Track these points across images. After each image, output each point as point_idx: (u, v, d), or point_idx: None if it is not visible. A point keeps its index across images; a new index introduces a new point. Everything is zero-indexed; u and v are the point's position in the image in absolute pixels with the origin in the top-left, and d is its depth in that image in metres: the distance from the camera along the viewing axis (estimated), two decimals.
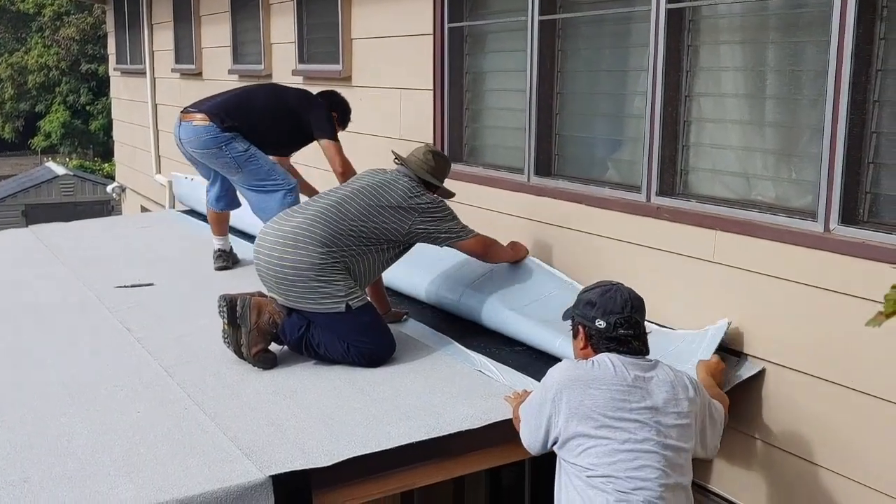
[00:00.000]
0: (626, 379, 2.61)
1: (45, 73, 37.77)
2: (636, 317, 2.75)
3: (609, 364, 2.64)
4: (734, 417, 3.38)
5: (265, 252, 3.71)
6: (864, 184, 3.05)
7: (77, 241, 6.30)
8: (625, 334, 2.70)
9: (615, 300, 2.75)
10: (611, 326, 2.70)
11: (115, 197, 12.68)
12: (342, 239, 3.65)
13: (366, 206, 3.73)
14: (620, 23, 4.06)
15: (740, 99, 3.53)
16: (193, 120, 4.85)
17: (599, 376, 2.61)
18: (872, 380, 2.92)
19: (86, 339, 4.04)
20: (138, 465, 2.76)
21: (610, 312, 2.72)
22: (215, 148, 4.83)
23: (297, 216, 3.73)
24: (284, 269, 3.62)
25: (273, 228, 3.76)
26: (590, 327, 2.75)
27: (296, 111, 4.97)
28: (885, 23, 2.95)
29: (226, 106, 4.91)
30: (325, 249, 3.61)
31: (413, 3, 5.24)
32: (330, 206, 3.73)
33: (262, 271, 3.73)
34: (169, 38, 9.44)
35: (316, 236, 3.62)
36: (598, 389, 2.58)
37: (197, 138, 4.84)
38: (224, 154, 4.84)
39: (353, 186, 3.85)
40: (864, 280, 2.92)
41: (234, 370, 3.61)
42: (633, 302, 2.77)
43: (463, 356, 3.75)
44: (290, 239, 3.64)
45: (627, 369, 2.63)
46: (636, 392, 2.59)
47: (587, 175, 4.27)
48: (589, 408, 2.56)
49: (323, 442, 2.94)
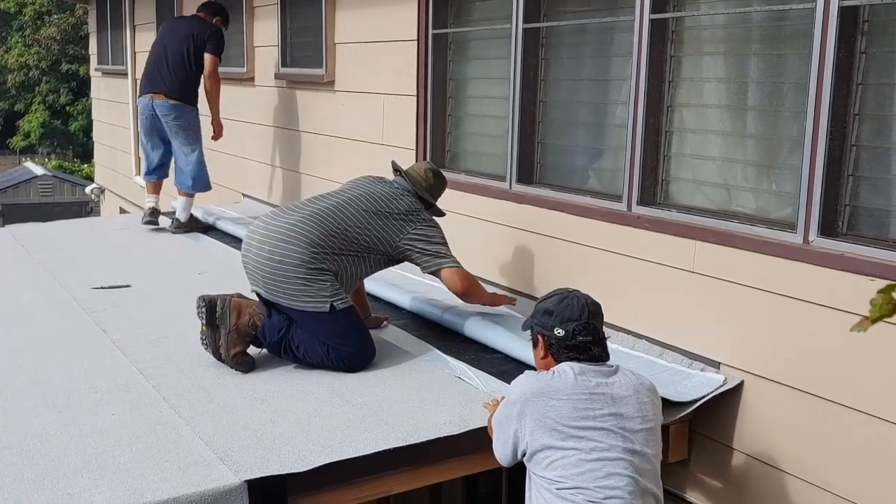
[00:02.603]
0: (587, 387, 2.60)
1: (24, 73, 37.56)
2: (594, 322, 2.74)
3: (569, 373, 2.63)
4: (712, 428, 3.39)
5: (255, 245, 3.69)
6: (843, 196, 3.07)
7: (54, 242, 6.24)
8: (584, 341, 2.70)
9: (572, 307, 2.75)
10: (570, 334, 2.70)
11: (94, 198, 12.60)
12: (335, 243, 3.63)
13: (363, 213, 3.72)
14: (604, 32, 4.07)
15: (722, 110, 3.55)
16: (169, 100, 6.20)
17: (560, 386, 2.60)
18: (850, 391, 2.94)
19: (61, 339, 4.00)
20: (112, 468, 2.73)
21: (568, 320, 2.72)
22: (184, 119, 6.21)
23: (294, 214, 3.72)
24: (273, 264, 3.60)
25: (265, 223, 3.74)
26: (549, 336, 2.75)
27: (200, 48, 6.27)
28: (865, 37, 2.98)
29: (175, 81, 6.21)
30: (316, 249, 3.59)
31: (398, 9, 5.24)
32: (327, 209, 3.71)
33: (250, 264, 3.71)
34: (151, 39, 9.38)
35: (308, 236, 3.60)
36: (560, 400, 2.56)
37: (172, 113, 6.20)
38: (182, 123, 6.22)
39: (354, 193, 3.82)
40: (843, 292, 2.93)
41: (211, 373, 3.58)
42: (591, 308, 2.77)
43: (442, 362, 3.73)
44: (283, 235, 3.62)
45: (588, 377, 2.62)
46: (599, 399, 2.58)
47: (569, 183, 4.27)
48: (553, 419, 2.55)
49: (299, 447, 2.92)
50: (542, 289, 4.20)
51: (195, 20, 6.45)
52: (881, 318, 1.13)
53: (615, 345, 3.70)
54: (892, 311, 1.13)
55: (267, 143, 7.07)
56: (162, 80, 6.24)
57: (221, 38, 6.38)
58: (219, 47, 6.33)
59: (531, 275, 4.36)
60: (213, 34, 6.32)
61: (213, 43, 6.28)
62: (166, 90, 6.21)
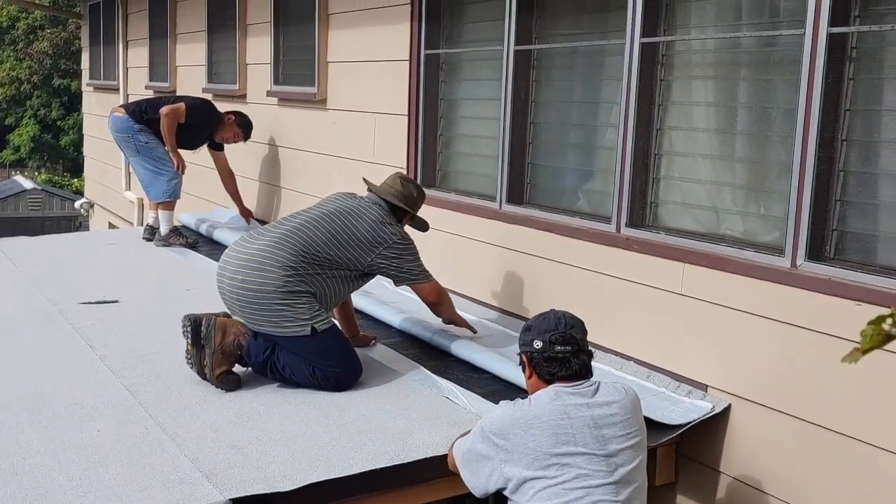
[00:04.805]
0: (565, 411, 2.56)
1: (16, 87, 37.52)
2: (571, 332, 2.71)
3: (544, 398, 2.61)
4: (699, 451, 3.39)
5: (228, 275, 3.67)
6: (831, 221, 3.08)
7: (42, 256, 6.22)
8: (562, 351, 2.67)
9: (549, 320, 2.75)
10: (547, 344, 2.68)
11: (84, 213, 12.57)
12: (306, 261, 3.61)
13: (332, 231, 3.69)
14: (595, 55, 4.10)
15: (711, 134, 3.57)
16: (117, 112, 6.53)
17: (538, 413, 2.57)
18: (837, 415, 2.94)
19: (47, 354, 3.98)
20: (95, 485, 2.71)
21: (544, 331, 2.71)
22: (125, 134, 6.44)
23: (262, 239, 3.70)
24: (248, 293, 3.58)
25: (236, 251, 3.72)
26: (530, 352, 2.73)
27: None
28: (854, 63, 3.01)
29: (140, 105, 6.56)
30: (289, 272, 3.57)
31: (390, 29, 5.27)
32: (295, 228, 3.69)
33: (226, 294, 3.69)
34: (144, 55, 9.42)
35: (280, 259, 3.58)
36: (539, 428, 2.54)
37: (115, 125, 6.50)
38: (130, 140, 6.45)
39: (321, 210, 3.81)
40: (830, 316, 2.94)
41: (198, 390, 3.56)
42: (568, 320, 2.75)
43: (430, 382, 3.72)
44: (254, 261, 3.60)
45: (564, 399, 2.60)
46: (578, 421, 2.55)
47: (559, 204, 4.29)
48: (533, 449, 2.52)
49: (284, 466, 2.90)
50: (531, 309, 4.20)
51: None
52: (872, 349, 1.13)
53: (604, 365, 3.70)
54: (883, 342, 1.13)
55: (257, 160, 7.07)
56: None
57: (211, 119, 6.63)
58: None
59: (520, 295, 4.36)
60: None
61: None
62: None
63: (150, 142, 6.43)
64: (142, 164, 6.50)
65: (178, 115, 6.37)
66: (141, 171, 6.55)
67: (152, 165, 6.46)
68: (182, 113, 6.38)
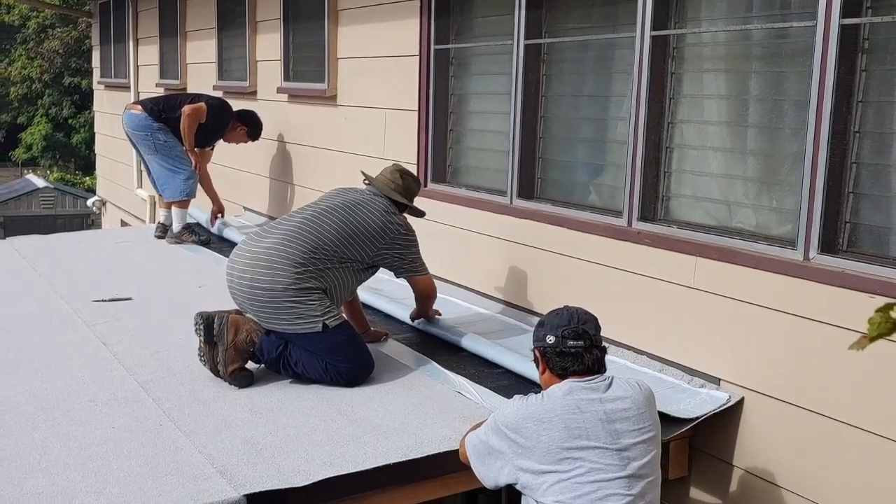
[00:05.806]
0: (577, 406, 2.57)
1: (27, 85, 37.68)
2: (584, 328, 2.71)
3: (557, 393, 2.61)
4: (712, 444, 3.38)
5: (237, 274, 3.67)
6: (843, 213, 3.07)
7: (55, 254, 6.24)
8: (574, 346, 2.67)
9: (562, 315, 2.75)
10: (559, 339, 2.68)
11: (96, 210, 12.62)
12: (316, 257, 3.63)
13: (340, 224, 3.72)
14: (605, 49, 4.09)
15: (722, 126, 3.56)
16: (134, 110, 6.49)
17: (550, 408, 2.57)
18: (850, 408, 2.93)
19: (62, 352, 4.00)
20: (111, 482, 2.73)
21: (557, 326, 2.71)
22: (143, 132, 6.39)
23: (269, 237, 3.70)
24: (258, 291, 3.59)
25: (244, 250, 3.72)
26: (543, 347, 2.73)
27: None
28: (866, 55, 2.99)
29: (157, 103, 6.52)
30: (300, 269, 3.58)
31: (400, 24, 5.27)
32: (301, 224, 3.70)
33: (236, 293, 3.70)
34: (154, 52, 9.44)
35: (290, 256, 3.59)
36: (552, 422, 2.54)
37: (133, 123, 6.44)
38: (148, 138, 6.40)
39: (327, 204, 3.83)
40: (843, 309, 2.93)
41: (211, 387, 3.58)
42: (581, 316, 2.75)
43: (442, 377, 3.73)
44: (264, 260, 3.61)
45: (578, 394, 2.60)
46: (590, 416, 2.55)
47: (569, 199, 4.28)
48: (546, 443, 2.52)
49: (298, 462, 2.92)
50: (541, 304, 4.20)
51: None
52: (879, 336, 1.13)
53: (619, 358, 3.70)
54: (891, 330, 1.13)
55: (268, 156, 7.08)
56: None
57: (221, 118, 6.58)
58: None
59: (531, 290, 4.36)
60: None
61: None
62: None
63: (168, 140, 6.40)
64: (159, 162, 6.47)
65: (200, 116, 6.37)
66: (157, 169, 6.53)
67: (169, 164, 6.44)
68: (203, 113, 6.38)
